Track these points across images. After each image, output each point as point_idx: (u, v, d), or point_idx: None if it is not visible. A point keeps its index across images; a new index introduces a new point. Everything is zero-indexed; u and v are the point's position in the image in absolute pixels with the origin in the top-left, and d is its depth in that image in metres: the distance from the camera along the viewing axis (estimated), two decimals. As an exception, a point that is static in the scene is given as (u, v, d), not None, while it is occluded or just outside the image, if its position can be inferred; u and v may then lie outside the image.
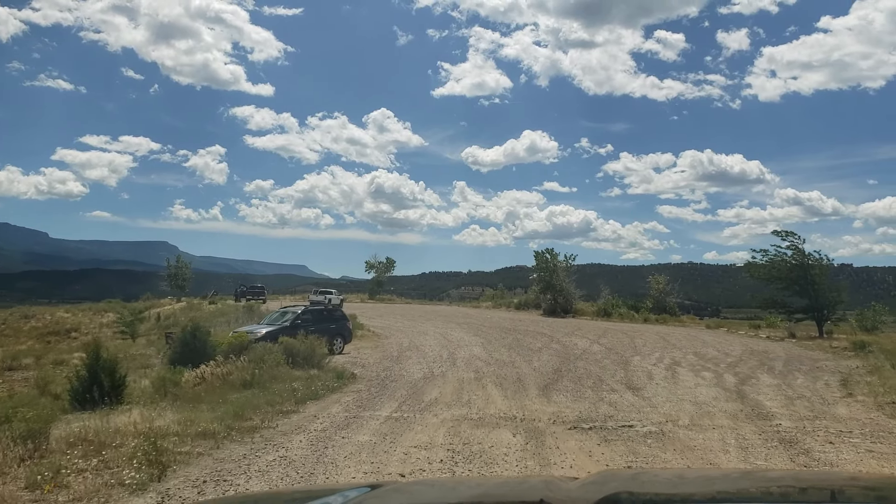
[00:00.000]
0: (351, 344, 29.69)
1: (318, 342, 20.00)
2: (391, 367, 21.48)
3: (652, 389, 17.04)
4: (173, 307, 58.45)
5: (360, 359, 24.22)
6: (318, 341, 19.99)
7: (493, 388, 16.89)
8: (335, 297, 57.62)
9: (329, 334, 25.59)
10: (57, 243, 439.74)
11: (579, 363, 22.97)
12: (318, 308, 26.95)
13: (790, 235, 39.81)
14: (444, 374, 19.89)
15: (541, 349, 28.00)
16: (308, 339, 19.79)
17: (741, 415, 13.59)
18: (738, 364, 23.85)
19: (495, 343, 30.26)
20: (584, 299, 57.01)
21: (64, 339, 53.24)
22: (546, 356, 25.21)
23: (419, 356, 24.82)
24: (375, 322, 41.94)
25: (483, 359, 24.01)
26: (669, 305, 53.74)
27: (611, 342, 31.54)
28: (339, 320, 26.50)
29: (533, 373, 20.29)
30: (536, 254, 56.10)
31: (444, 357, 24.49)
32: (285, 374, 17.26)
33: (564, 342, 31.10)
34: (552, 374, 20.10)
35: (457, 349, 27.26)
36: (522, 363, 22.84)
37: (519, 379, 18.83)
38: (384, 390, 16.52)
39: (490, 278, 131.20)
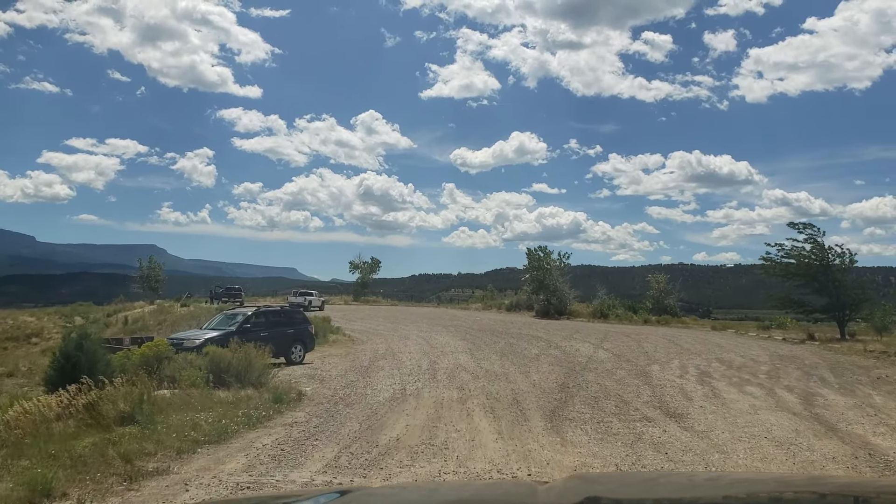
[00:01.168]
0: (318, 351, 24.70)
1: (259, 352, 15.01)
2: (354, 383, 16.52)
3: (699, 416, 12.17)
4: (143, 310, 53.28)
5: (320, 370, 19.26)
6: (257, 351, 14.99)
7: (482, 418, 11.98)
8: (315, 299, 52.63)
9: (286, 340, 20.66)
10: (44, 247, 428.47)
11: (588, 375, 18.06)
12: (273, 309, 22.08)
13: (808, 227, 35.03)
14: (419, 392, 14.96)
15: (538, 356, 23.09)
16: (244, 348, 14.80)
17: (860, 464, 8.70)
18: (778, 374, 19.04)
19: (485, 349, 25.32)
20: (578, 300, 52.14)
21: (23, 345, 48.12)
22: (546, 366, 20.30)
23: (393, 366, 19.88)
24: (355, 325, 36.97)
25: (470, 370, 19.08)
26: (670, 306, 48.94)
27: (617, 347, 26.66)
28: (300, 324, 21.56)
29: (533, 390, 15.38)
30: (529, 252, 51.24)
31: (423, 368, 19.55)
32: (201, 399, 12.30)
33: (564, 347, 26.19)
34: (558, 391, 15.20)
35: (439, 357, 22.32)
36: (518, 376, 17.92)
37: (516, 400, 13.93)
38: (329, 422, 11.58)
39: (480, 280, 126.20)
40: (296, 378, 17.80)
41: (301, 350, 20.93)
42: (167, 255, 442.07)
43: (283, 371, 19.12)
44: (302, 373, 18.77)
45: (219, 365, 14.01)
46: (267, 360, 15.14)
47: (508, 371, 18.86)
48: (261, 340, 19.85)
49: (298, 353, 20.83)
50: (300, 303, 50.51)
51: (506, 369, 19.28)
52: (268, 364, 15.21)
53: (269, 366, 15.55)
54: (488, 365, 20.41)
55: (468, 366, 20.10)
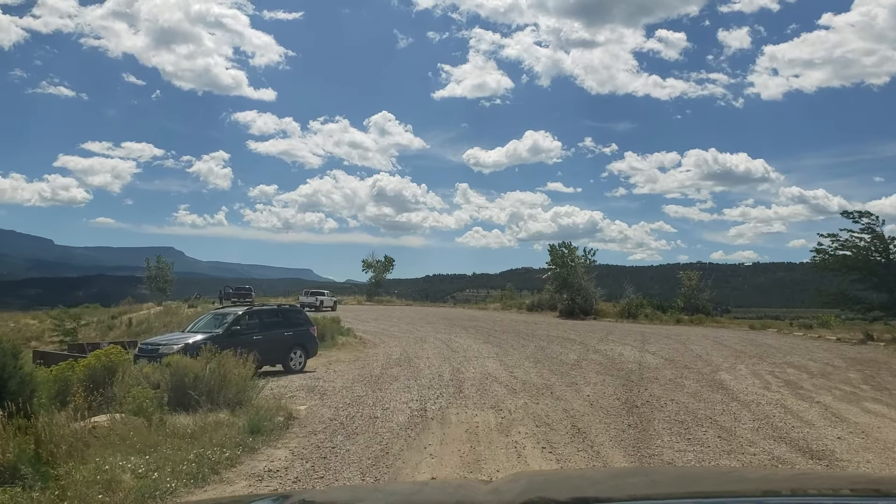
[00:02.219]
0: (324, 356, 21.07)
1: (238, 362, 11.35)
2: (362, 399, 12.85)
3: (848, 453, 8.40)
4: (149, 312, 49.95)
5: (323, 381, 15.62)
6: (237, 361, 11.34)
7: (540, 459, 8.31)
8: (327, 299, 49.07)
9: (283, 345, 17.07)
10: (62, 250, 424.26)
11: (653, 388, 14.30)
12: (268, 309, 18.47)
13: (865, 216, 30.95)
14: (444, 414, 11.26)
15: (578, 363, 19.34)
16: (217, 357, 11.14)
17: None
18: (880, 384, 15.22)
19: (514, 354, 21.59)
20: (603, 299, 48.23)
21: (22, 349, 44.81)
22: (593, 375, 16.56)
23: (410, 376, 16.22)
24: (367, 326, 33.35)
25: (502, 380, 15.37)
26: (703, 304, 44.95)
27: (663, 350, 22.87)
28: (300, 325, 17.93)
29: (591, 410, 11.65)
30: (551, 248, 47.39)
31: (446, 378, 15.87)
32: (145, 431, 8.64)
33: (604, 351, 22.42)
34: (625, 412, 11.46)
35: (463, 364, 18.63)
36: (565, 389, 14.19)
37: (576, 428, 10.22)
38: (319, 469, 7.88)
39: (495, 280, 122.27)
40: (291, 391, 14.16)
41: (301, 356, 17.31)
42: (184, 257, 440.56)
43: (279, 382, 15.49)
44: (300, 384, 15.13)
45: (182, 380, 10.38)
46: (250, 372, 11.48)
47: (551, 382, 15.12)
48: (252, 345, 16.28)
49: (298, 359, 17.21)
50: (311, 303, 47.00)
51: (546, 380, 15.55)
52: (251, 376, 11.55)
53: (254, 378, 11.90)
54: (523, 374, 16.69)
55: (499, 375, 16.39)
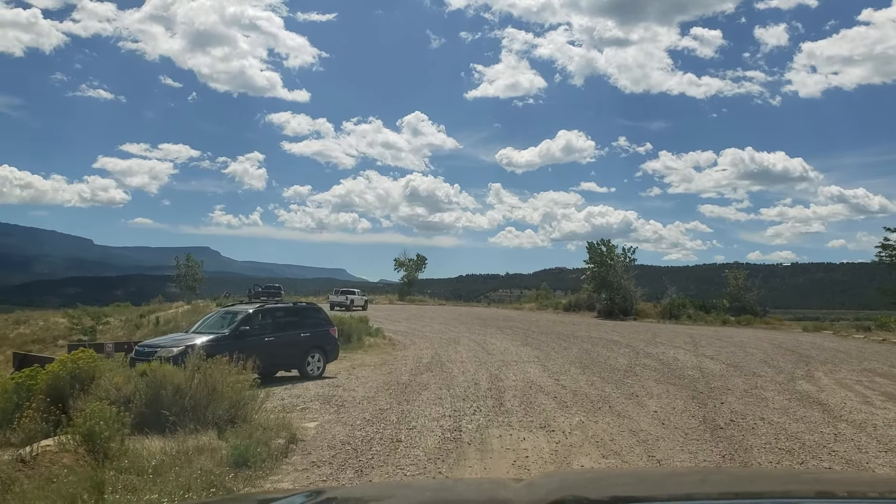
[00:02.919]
0: (348, 358, 18.92)
1: (233, 370, 9.17)
2: (384, 414, 10.61)
3: None
4: (177, 311, 48.47)
5: (343, 389, 13.41)
6: (231, 368, 9.15)
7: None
8: (358, 298, 46.98)
9: (299, 347, 14.91)
10: (102, 250, 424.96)
11: (728, 400, 11.83)
12: (282, 307, 16.25)
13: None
14: (483, 436, 8.96)
15: (631, 368, 16.90)
16: (205, 365, 8.97)
17: None
18: None
19: (556, 358, 19.21)
20: (643, 299, 45.43)
21: (48, 348, 43.65)
22: (652, 383, 14.12)
23: (441, 383, 13.95)
24: (398, 326, 31.19)
25: (549, 390, 13.03)
26: (750, 304, 41.94)
27: (722, 354, 20.30)
28: (319, 325, 15.75)
29: (664, 431, 9.25)
30: (590, 246, 44.75)
31: (483, 386, 13.56)
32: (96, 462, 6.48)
33: (656, 355, 19.92)
34: (707, 435, 9.04)
35: (502, 369, 16.31)
36: (624, 401, 11.79)
37: (651, 456, 7.88)
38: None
39: (528, 280, 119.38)
40: (303, 402, 11.98)
41: (320, 360, 15.12)
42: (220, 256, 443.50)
43: (292, 390, 13.34)
44: (315, 392, 12.93)
45: (158, 393, 8.23)
46: (247, 381, 9.29)
47: (606, 393, 12.72)
48: (263, 348, 14.16)
49: (316, 363, 15.03)
50: (342, 302, 45.05)
51: (600, 390, 13.15)
52: (249, 386, 9.36)
53: (254, 387, 9.72)
54: (571, 382, 14.31)
55: (544, 383, 14.03)
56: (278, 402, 12.05)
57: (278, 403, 11.86)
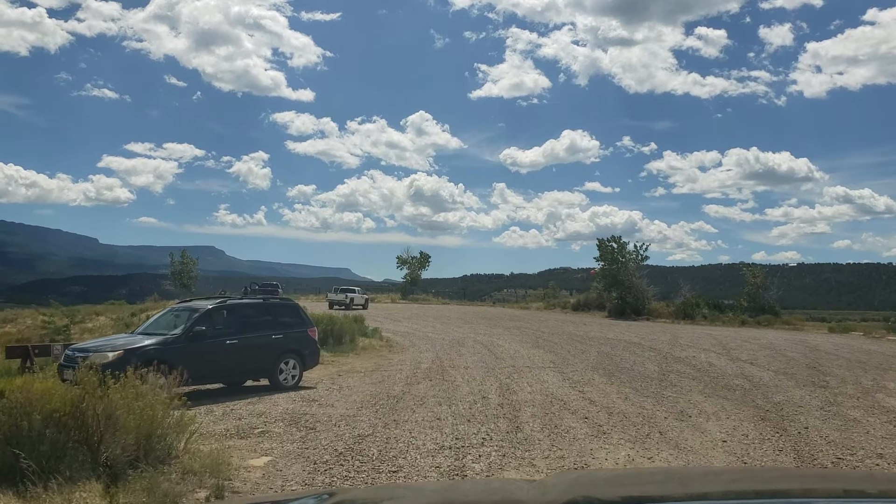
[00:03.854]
0: (336, 363, 16.17)
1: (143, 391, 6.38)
2: (363, 444, 7.83)
3: None
4: (171, 309, 45.69)
5: (319, 404, 10.62)
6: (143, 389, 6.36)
7: None
8: (358, 297, 44.16)
9: (270, 351, 12.07)
10: (107, 249, 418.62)
11: (813, 424, 9.00)
12: (249, 302, 13.30)
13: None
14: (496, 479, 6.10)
15: (664, 376, 14.08)
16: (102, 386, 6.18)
17: None
18: None
19: (575, 362, 16.41)
20: (656, 298, 42.52)
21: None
22: (698, 396, 11.30)
23: (442, 395, 11.16)
24: (398, 326, 28.44)
25: (576, 407, 10.23)
26: (769, 303, 39.00)
27: (759, 359, 17.50)
28: (293, 326, 12.73)
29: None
30: (600, 243, 41.82)
31: (493, 401, 10.75)
32: None
33: (686, 359, 17.12)
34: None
35: (514, 378, 13.51)
36: (676, 424, 8.97)
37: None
38: None
39: (533, 280, 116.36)
40: (264, 424, 9.19)
41: (296, 367, 12.26)
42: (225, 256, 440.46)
43: (255, 406, 10.55)
44: (284, 409, 10.13)
45: (19, 426, 5.45)
46: (160, 405, 6.50)
47: (648, 411, 9.90)
48: (223, 353, 11.41)
49: (290, 371, 12.18)
50: (341, 300, 42.21)
51: (638, 406, 10.34)
52: (167, 409, 6.59)
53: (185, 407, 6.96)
54: (599, 395, 11.49)
55: (567, 397, 11.21)
56: (233, 423, 9.29)
57: (232, 426, 9.09)
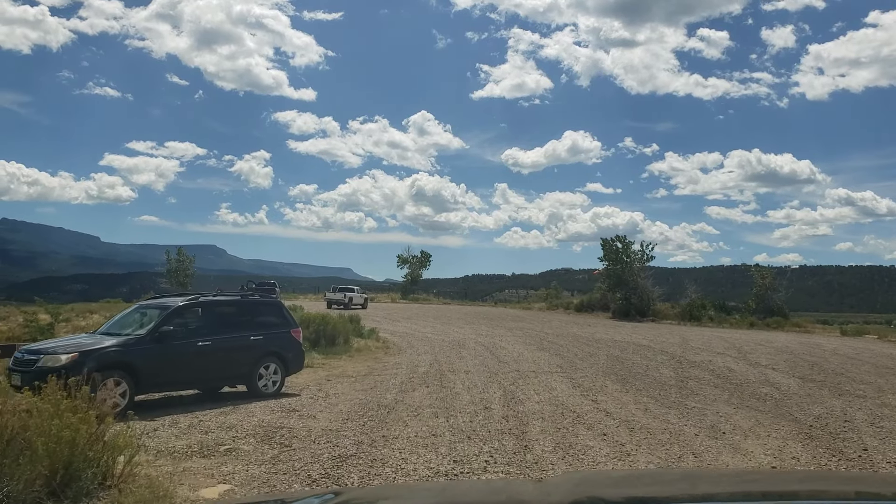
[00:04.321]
0: (329, 366, 14.87)
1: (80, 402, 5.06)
2: (342, 467, 6.52)
3: None
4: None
5: (299, 415, 9.29)
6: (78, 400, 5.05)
7: None
8: (357, 296, 42.83)
9: (248, 355, 10.70)
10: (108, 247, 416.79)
11: (871, 444, 7.68)
12: (225, 300, 11.91)
13: None
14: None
15: (684, 382, 12.76)
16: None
17: None
18: None
19: (584, 367, 15.09)
20: (661, 299, 41.15)
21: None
22: (726, 407, 9.97)
23: (439, 406, 9.84)
24: (397, 326, 27.13)
25: (591, 420, 8.90)
26: (777, 306, 37.65)
27: (779, 364, 16.22)
28: (274, 326, 11.26)
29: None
30: (604, 242, 40.49)
31: (496, 412, 9.43)
32: None
33: (703, 364, 15.81)
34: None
35: (519, 384, 12.17)
36: (710, 444, 7.64)
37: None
38: None
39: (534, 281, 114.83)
40: (232, 440, 7.86)
41: (277, 371, 10.90)
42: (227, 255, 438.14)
43: (227, 417, 9.22)
44: (259, 421, 8.81)
45: None
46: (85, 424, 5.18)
47: (674, 426, 8.56)
48: (194, 356, 10.10)
49: (271, 377, 10.82)
50: (339, 300, 40.91)
51: (661, 419, 9.00)
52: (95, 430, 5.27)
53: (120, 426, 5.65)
54: (615, 405, 10.16)
55: (579, 407, 9.88)
56: (198, 437, 7.96)
57: (195, 441, 7.77)
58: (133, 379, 9.38)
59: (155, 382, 9.73)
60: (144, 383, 9.56)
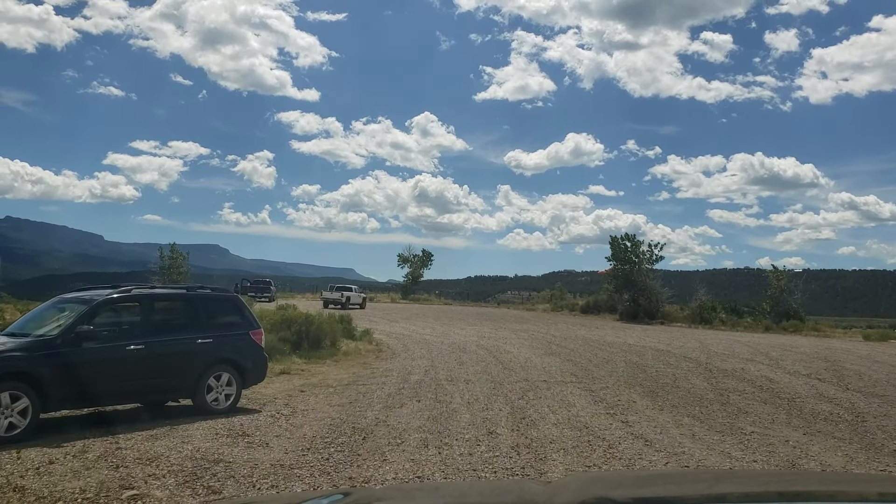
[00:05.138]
0: (309, 372, 12.67)
1: None
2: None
3: None
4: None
5: (249, 442, 7.07)
6: None
7: None
8: (355, 295, 40.55)
9: (193, 362, 8.42)
10: (111, 246, 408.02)
11: None
12: (163, 293, 9.61)
13: None
14: None
15: (724, 396, 10.53)
16: None
17: None
18: None
19: (601, 375, 12.86)
20: (671, 301, 38.90)
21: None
22: (797, 435, 7.75)
23: (431, 427, 7.62)
24: (394, 327, 24.96)
25: (629, 454, 6.70)
26: (793, 308, 35.36)
27: (821, 373, 14.02)
28: (229, 328, 8.95)
29: None
30: (612, 241, 38.26)
31: (504, 439, 7.21)
32: None
33: (735, 373, 13.60)
34: None
35: (529, 398, 9.94)
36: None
37: None
38: None
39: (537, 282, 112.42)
40: (142, 480, 5.67)
41: (232, 383, 8.58)
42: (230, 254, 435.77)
43: (155, 443, 7.00)
44: (192, 451, 6.59)
45: None
46: None
47: (738, 461, 6.33)
48: (119, 363, 7.89)
49: (223, 389, 8.54)
50: (336, 299, 38.58)
51: (718, 451, 6.77)
52: None
53: None
54: (650, 428, 7.93)
55: (609, 432, 7.64)
56: (100, 475, 5.79)
57: (95, 482, 5.59)
58: (38, 393, 7.16)
59: (68, 397, 7.50)
60: (53, 398, 7.33)
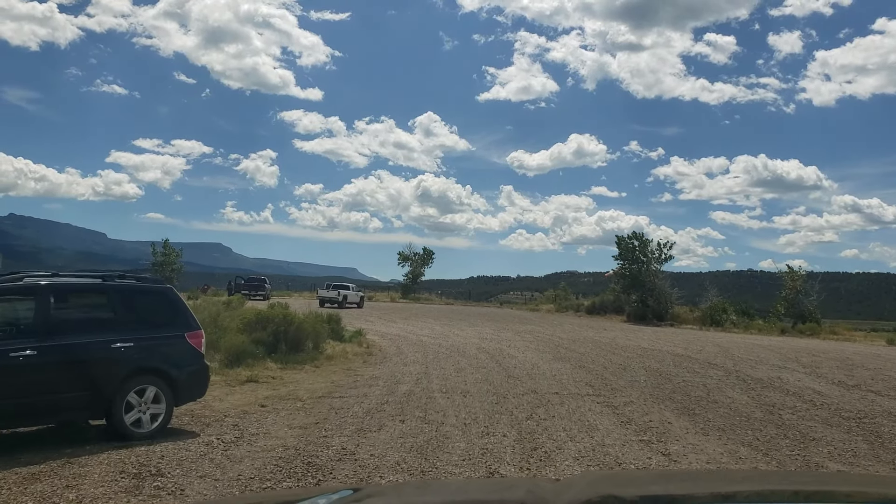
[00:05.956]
0: (285, 379, 10.68)
1: None
2: None
3: None
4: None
5: (162, 483, 5.04)
6: None
7: None
8: (352, 294, 38.56)
9: (108, 372, 6.36)
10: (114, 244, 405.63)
11: None
12: (69, 283, 6.71)
13: None
14: None
15: (779, 415, 8.49)
16: None
17: None
18: None
19: (622, 387, 10.84)
20: (680, 303, 36.80)
21: None
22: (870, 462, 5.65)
23: (411, 466, 5.64)
24: (390, 327, 22.99)
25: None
26: (809, 311, 33.25)
27: (874, 384, 11.97)
28: (154, 329, 6.80)
29: None
30: (619, 240, 36.18)
31: (513, 480, 5.13)
32: None
33: (774, 384, 11.59)
34: None
35: (539, 418, 7.89)
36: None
37: None
38: None
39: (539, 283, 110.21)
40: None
41: (159, 398, 6.55)
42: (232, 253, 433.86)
43: (42, 482, 4.97)
44: (75, 501, 4.58)
45: None
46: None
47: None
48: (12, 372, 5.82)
49: (148, 407, 6.51)
50: (332, 298, 36.54)
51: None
52: None
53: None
54: (698, 461, 5.88)
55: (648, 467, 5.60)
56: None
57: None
58: None
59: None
60: None
